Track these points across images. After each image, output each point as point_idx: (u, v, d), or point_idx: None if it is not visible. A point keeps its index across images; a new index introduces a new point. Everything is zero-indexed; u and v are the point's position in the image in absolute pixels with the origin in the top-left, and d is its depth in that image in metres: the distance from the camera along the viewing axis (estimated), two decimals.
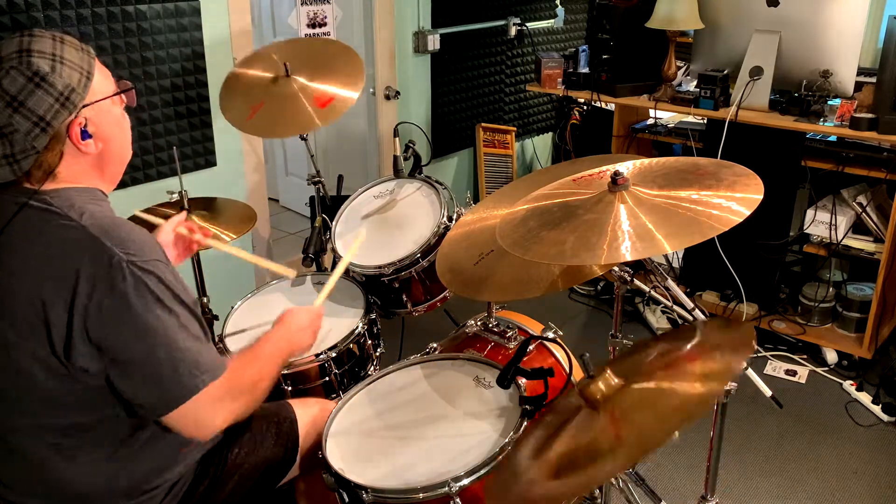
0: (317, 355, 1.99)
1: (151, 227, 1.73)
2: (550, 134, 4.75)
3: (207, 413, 1.34)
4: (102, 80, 1.35)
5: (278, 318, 1.67)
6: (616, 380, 1.28)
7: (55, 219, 1.28)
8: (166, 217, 1.89)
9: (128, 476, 1.40)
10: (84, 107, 1.29)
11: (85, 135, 1.31)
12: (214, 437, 1.54)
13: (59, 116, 1.26)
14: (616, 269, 1.74)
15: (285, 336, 1.62)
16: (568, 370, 1.81)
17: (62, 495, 1.39)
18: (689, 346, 1.32)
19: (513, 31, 4.29)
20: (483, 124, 4.27)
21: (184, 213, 1.88)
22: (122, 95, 1.40)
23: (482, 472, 1.44)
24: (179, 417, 1.33)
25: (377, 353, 2.18)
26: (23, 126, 1.24)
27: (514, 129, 4.34)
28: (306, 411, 1.76)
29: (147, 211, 2.15)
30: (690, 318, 1.64)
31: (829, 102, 2.88)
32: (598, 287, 3.76)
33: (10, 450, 1.38)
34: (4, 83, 1.23)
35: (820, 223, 3.06)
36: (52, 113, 1.25)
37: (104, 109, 1.34)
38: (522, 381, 1.62)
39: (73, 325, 1.25)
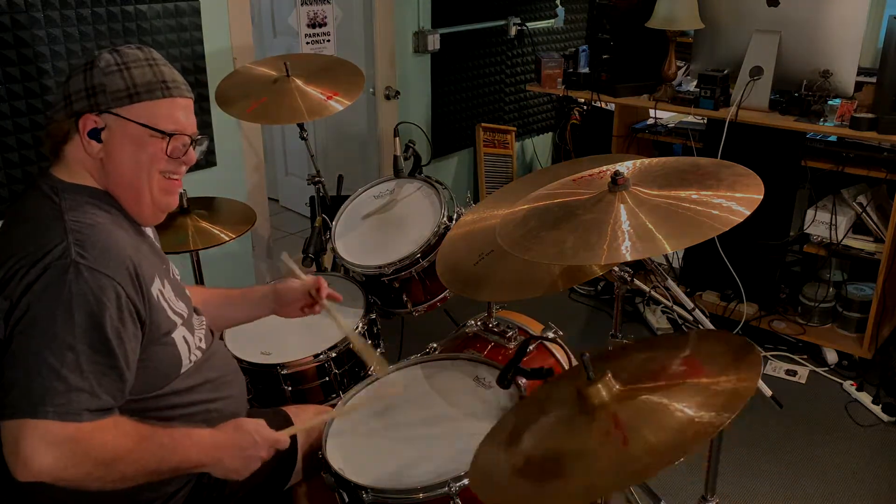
0: (316, 355, 1.99)
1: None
2: (550, 134, 4.75)
3: (31, 448, 1.16)
4: (166, 115, 1.37)
5: (230, 422, 1.41)
6: (617, 386, 1.24)
7: (48, 203, 1.33)
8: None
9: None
10: (108, 112, 1.33)
11: (94, 134, 1.34)
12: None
13: (80, 103, 1.34)
14: (616, 269, 1.73)
15: (216, 443, 1.36)
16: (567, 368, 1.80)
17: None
18: (691, 356, 1.28)
19: (513, 31, 4.29)
20: (483, 124, 4.26)
21: (322, 280, 1.78)
22: (174, 145, 1.38)
23: None
24: (5, 432, 1.19)
25: (377, 354, 2.18)
26: (59, 94, 1.38)
27: (514, 129, 4.34)
28: (301, 419, 1.73)
29: (295, 260, 1.99)
30: (690, 318, 1.64)
31: (829, 102, 2.88)
32: (598, 287, 3.76)
33: None
34: (81, 59, 1.38)
35: (820, 223, 3.06)
36: (76, 96, 1.34)
37: (130, 132, 1.35)
38: (522, 381, 1.62)
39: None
